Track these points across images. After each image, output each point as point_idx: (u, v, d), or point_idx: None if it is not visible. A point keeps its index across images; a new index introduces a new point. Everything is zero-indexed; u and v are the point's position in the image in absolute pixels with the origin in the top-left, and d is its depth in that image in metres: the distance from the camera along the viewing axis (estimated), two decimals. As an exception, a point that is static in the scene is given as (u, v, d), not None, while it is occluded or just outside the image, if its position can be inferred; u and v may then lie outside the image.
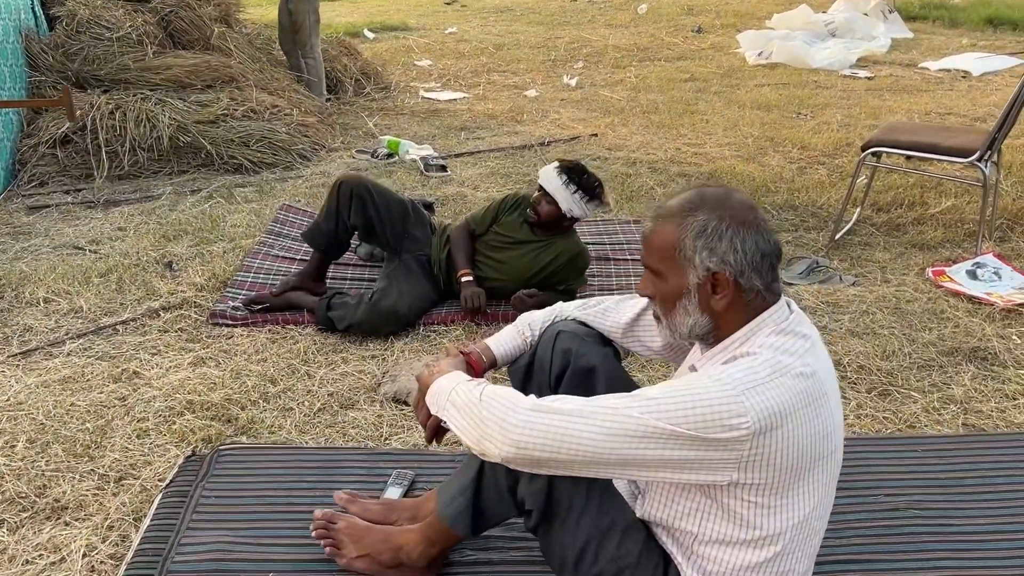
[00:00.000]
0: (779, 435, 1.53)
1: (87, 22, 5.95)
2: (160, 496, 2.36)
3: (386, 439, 2.77)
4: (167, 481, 2.44)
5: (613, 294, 3.73)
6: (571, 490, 1.73)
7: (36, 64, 5.78)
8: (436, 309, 3.60)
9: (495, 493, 1.82)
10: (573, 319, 2.08)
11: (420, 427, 2.09)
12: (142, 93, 5.64)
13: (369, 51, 9.39)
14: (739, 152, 5.75)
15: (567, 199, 3.46)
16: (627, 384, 2.02)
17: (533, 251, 3.57)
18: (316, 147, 5.89)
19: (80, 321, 3.58)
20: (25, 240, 4.47)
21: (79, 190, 5.20)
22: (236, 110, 5.69)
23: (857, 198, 4.62)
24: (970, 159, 3.84)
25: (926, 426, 2.81)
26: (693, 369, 1.74)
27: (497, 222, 3.68)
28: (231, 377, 3.13)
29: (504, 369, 2.13)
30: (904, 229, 4.46)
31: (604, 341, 2.06)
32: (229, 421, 2.86)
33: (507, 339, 2.07)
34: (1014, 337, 3.34)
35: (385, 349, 3.34)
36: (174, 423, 2.84)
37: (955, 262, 3.98)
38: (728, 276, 1.61)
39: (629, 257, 4.08)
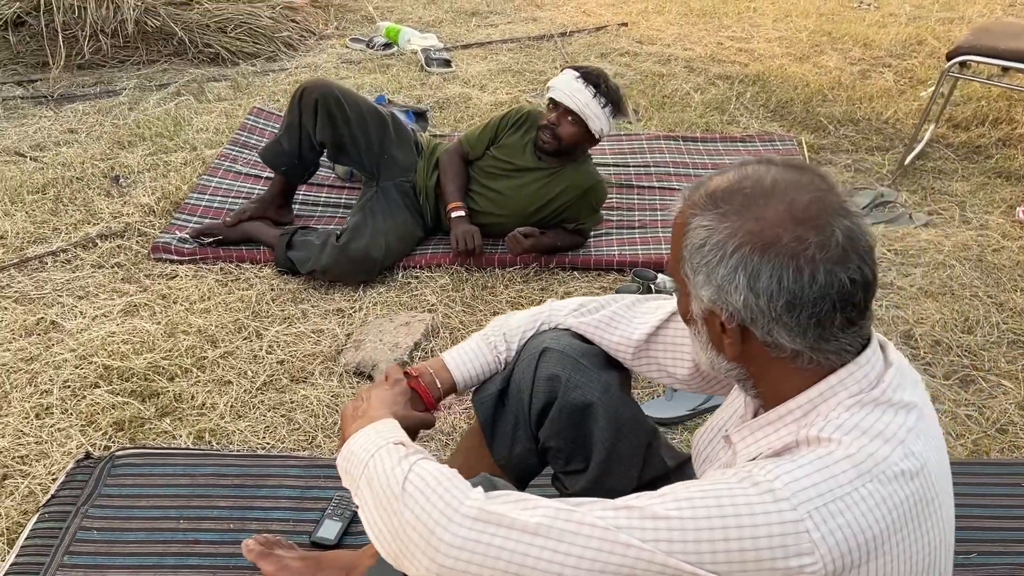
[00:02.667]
0: (863, 574, 0.96)
1: None
2: (36, 518, 1.84)
3: (339, 429, 2.22)
4: (48, 496, 1.92)
5: (634, 233, 3.12)
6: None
7: (-11, -69, 5.04)
8: (419, 248, 2.99)
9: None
10: (565, 328, 1.48)
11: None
12: (105, -33, 4.90)
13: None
14: (790, 49, 4.96)
15: (598, 115, 2.79)
16: (637, 428, 1.44)
17: (538, 181, 2.92)
18: (304, 34, 5.17)
19: (2, 250, 3.03)
20: (-39, 142, 3.88)
21: (32, 81, 4.56)
22: (213, -11, 4.95)
23: (931, 111, 3.88)
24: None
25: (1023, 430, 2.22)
26: (727, 441, 1.15)
27: (496, 143, 3.01)
28: (164, 334, 2.58)
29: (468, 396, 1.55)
30: (986, 152, 3.75)
31: (608, 362, 1.46)
32: (151, 397, 2.32)
33: (472, 355, 1.47)
34: None
35: (354, 301, 2.76)
36: (84, 398, 2.31)
37: (1050, 200, 3.30)
38: (727, 321, 1.02)
39: (657, 184, 3.42)
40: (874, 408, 1.01)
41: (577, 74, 2.82)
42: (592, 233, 3.04)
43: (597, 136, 2.86)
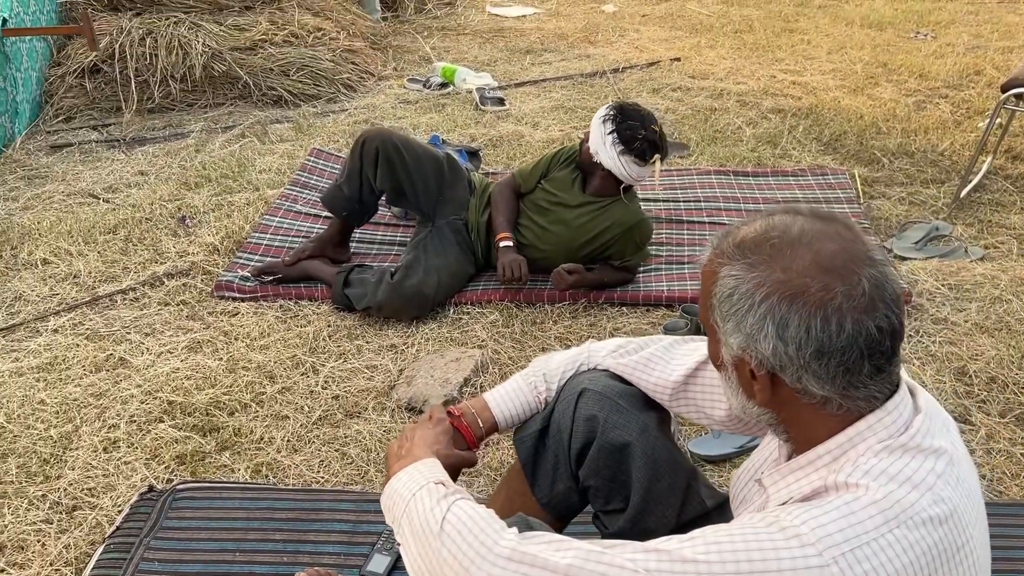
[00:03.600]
0: None
1: (120, -64, 5.43)
2: (101, 548, 1.93)
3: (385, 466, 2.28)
4: (113, 528, 2.01)
5: (683, 268, 3.14)
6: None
7: (68, -17, 5.32)
8: (471, 285, 3.06)
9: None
10: (604, 370, 1.52)
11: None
12: (175, 16, 5.14)
13: (437, -39, 8.67)
14: (844, 82, 4.94)
15: (596, 135, 2.87)
16: (675, 469, 1.47)
17: (583, 216, 2.97)
18: (364, 75, 5.32)
19: (76, 289, 3.18)
20: (40, 185, 4.09)
21: (107, 125, 4.78)
22: (276, 35, 5.14)
23: (988, 142, 3.83)
24: None
25: (1080, 472, 2.18)
26: (760, 485, 1.17)
27: (547, 177, 3.07)
28: (226, 370, 2.68)
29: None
30: (1047, 184, 3.69)
31: (646, 403, 1.50)
32: (211, 432, 2.42)
33: (513, 395, 1.52)
34: None
35: (407, 337, 2.83)
36: (148, 432, 2.41)
37: (1114, 232, 3.23)
38: (756, 369, 1.05)
39: (707, 219, 3.44)
40: (903, 454, 1.02)
41: (621, 101, 2.92)
42: (641, 268, 3.07)
43: (592, 156, 2.88)
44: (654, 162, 2.86)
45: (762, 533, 0.98)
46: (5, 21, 4.47)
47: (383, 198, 3.19)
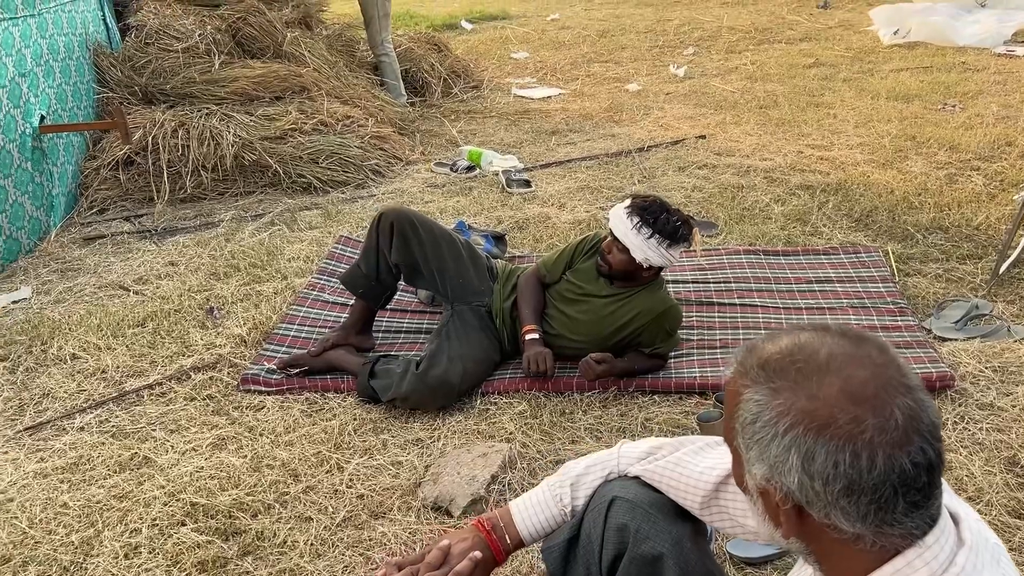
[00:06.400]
0: None
1: (156, 32, 5.61)
2: (118, 666, 1.87)
3: (417, 568, 2.20)
4: (130, 643, 1.95)
5: (716, 353, 3.06)
6: None
7: (105, 79, 5.48)
8: (498, 374, 3.01)
9: None
10: (635, 477, 1.45)
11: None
12: (207, 108, 5.25)
13: (464, 44, 8.88)
14: (873, 156, 4.90)
15: (640, 246, 2.79)
16: (711, 586, 1.39)
17: (609, 306, 2.92)
18: (392, 161, 5.38)
19: (104, 384, 3.17)
20: (72, 278, 4.13)
21: (139, 216, 4.85)
22: (305, 123, 5.23)
23: (1025, 216, 3.76)
24: None
25: None
26: None
27: (571, 268, 3.05)
28: (250, 468, 2.63)
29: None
30: (1089, 257, 3.58)
31: (679, 512, 1.43)
32: (234, 535, 2.36)
33: (538, 508, 1.46)
34: None
35: (433, 430, 2.77)
36: (170, 537, 2.36)
37: None
38: (781, 502, 0.98)
39: (738, 301, 3.38)
40: None
41: (628, 203, 2.86)
42: (672, 354, 3.01)
43: (644, 265, 2.84)
44: (695, 235, 2.87)
45: None
46: (43, 118, 4.58)
47: (402, 280, 3.17)
